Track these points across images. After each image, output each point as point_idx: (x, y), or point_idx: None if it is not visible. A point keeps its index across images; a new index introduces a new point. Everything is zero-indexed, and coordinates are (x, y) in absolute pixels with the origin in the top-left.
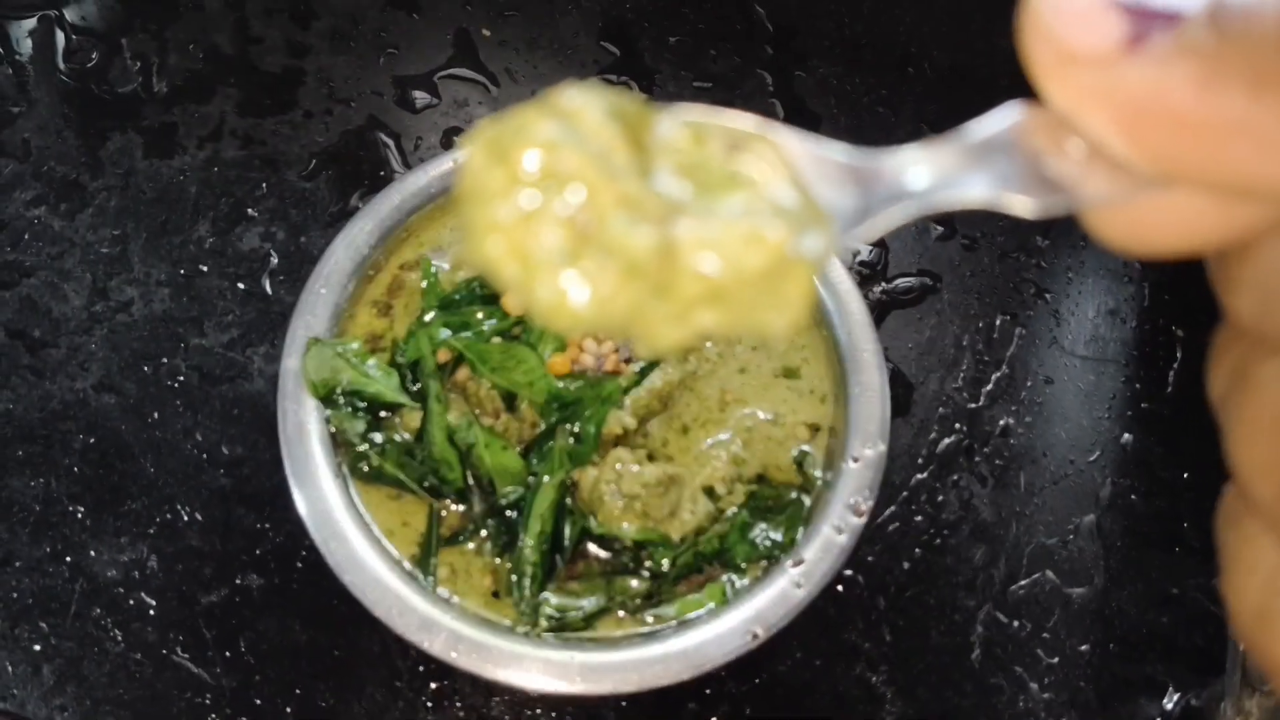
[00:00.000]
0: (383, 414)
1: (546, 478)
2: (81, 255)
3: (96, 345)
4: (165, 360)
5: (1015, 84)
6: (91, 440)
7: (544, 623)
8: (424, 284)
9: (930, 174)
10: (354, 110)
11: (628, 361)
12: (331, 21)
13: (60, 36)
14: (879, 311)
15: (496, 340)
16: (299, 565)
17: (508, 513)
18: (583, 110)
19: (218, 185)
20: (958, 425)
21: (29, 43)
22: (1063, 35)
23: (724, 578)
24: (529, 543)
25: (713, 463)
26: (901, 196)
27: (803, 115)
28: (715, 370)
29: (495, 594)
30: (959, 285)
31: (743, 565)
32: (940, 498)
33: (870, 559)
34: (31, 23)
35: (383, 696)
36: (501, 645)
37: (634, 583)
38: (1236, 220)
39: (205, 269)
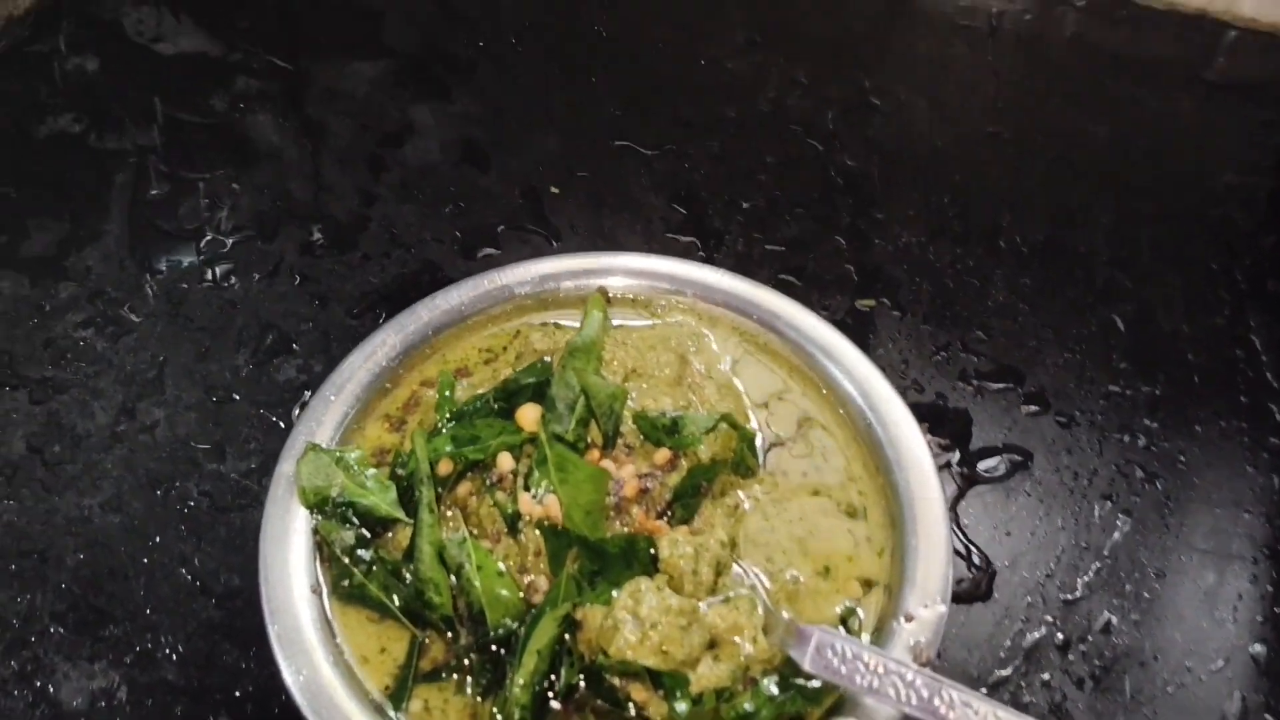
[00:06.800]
0: (375, 531)
1: (549, 608)
2: (117, 375)
3: (112, 464)
4: (178, 484)
5: (1114, 259)
6: (85, 558)
7: None
8: (439, 398)
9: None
10: (412, 255)
11: (662, 515)
12: (402, 174)
13: (148, 173)
14: (960, 487)
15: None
16: (275, 711)
17: (495, 649)
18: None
19: (265, 318)
20: (1049, 617)
21: (120, 178)
22: None
23: None
24: (519, 681)
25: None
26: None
27: (878, 279)
28: (774, 528)
29: None
30: (1052, 465)
31: None
32: (1027, 699)
33: None
34: (128, 162)
35: None
36: None
37: None
38: None
39: (237, 396)
